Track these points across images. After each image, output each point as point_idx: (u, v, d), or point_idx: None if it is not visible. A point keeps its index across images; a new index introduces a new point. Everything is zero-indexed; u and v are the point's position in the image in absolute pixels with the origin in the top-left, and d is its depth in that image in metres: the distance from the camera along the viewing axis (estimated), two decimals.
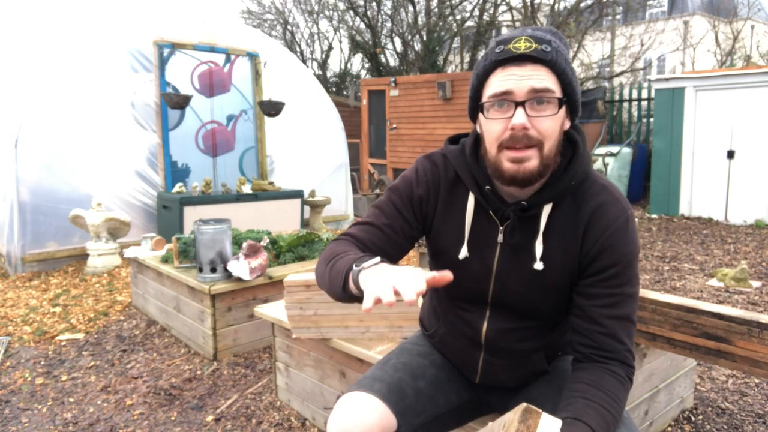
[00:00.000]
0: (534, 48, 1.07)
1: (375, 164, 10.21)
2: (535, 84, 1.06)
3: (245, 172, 6.34)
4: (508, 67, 1.08)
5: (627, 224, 1.15)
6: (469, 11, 15.67)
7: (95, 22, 5.62)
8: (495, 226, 1.22)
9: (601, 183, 1.19)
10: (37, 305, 3.98)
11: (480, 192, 1.21)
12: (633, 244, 1.16)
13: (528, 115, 1.07)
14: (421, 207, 1.27)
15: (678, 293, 4.12)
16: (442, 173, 1.27)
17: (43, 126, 4.92)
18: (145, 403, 2.52)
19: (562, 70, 1.09)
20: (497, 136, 1.10)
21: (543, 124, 1.08)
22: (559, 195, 1.16)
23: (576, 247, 1.17)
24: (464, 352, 1.35)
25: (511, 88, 1.07)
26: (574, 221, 1.17)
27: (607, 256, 1.14)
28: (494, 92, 1.09)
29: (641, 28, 15.75)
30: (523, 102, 1.07)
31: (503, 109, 1.09)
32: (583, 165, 1.17)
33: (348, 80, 19.17)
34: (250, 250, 2.97)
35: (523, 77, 1.07)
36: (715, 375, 2.67)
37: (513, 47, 1.08)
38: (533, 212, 1.18)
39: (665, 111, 7.62)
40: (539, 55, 1.07)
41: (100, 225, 4.73)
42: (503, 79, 1.08)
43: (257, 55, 6.23)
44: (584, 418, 1.03)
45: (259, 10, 20.36)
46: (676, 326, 1.82)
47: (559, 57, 1.09)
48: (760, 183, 6.93)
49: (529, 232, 1.19)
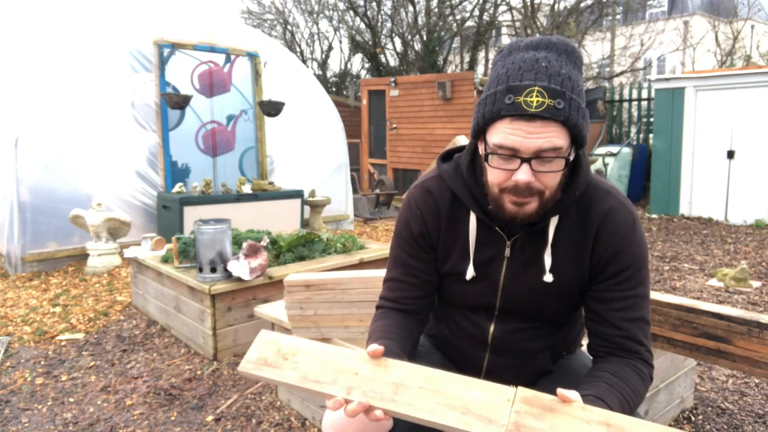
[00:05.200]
0: (546, 106, 1.00)
1: (375, 164, 10.21)
2: (544, 144, 1.02)
3: (245, 172, 6.35)
4: (517, 122, 1.02)
5: (635, 226, 1.17)
6: (469, 11, 15.69)
7: (95, 22, 5.62)
8: (501, 241, 1.22)
9: (603, 188, 1.19)
10: (37, 305, 3.98)
11: (483, 211, 1.20)
12: (642, 245, 1.17)
13: (533, 170, 1.04)
14: (425, 240, 1.28)
15: (678, 293, 4.12)
16: (438, 198, 1.26)
17: (43, 126, 4.92)
18: (145, 403, 2.52)
19: (574, 124, 1.04)
20: (499, 182, 1.09)
21: (547, 178, 1.07)
22: (565, 209, 1.17)
23: (586, 255, 1.18)
24: (468, 352, 1.35)
25: (518, 146, 1.03)
26: (583, 229, 1.18)
27: (620, 260, 1.15)
28: (500, 144, 1.05)
29: (641, 28, 15.77)
30: (529, 159, 1.04)
31: (508, 162, 1.06)
32: (585, 175, 1.17)
33: (348, 80, 19.18)
34: (250, 250, 2.97)
35: (531, 134, 1.02)
36: (715, 375, 2.67)
37: (524, 102, 1.00)
38: (541, 226, 1.18)
39: (665, 111, 7.62)
40: (551, 115, 1.00)
41: (100, 225, 4.73)
42: (510, 133, 1.03)
43: (257, 55, 6.23)
44: (605, 399, 1.03)
45: (259, 10, 20.38)
46: (676, 326, 1.82)
47: (572, 108, 1.03)
48: (760, 183, 6.94)
49: (538, 246, 1.20)
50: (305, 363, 1.02)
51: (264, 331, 1.10)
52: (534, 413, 0.87)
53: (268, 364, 1.04)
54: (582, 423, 0.86)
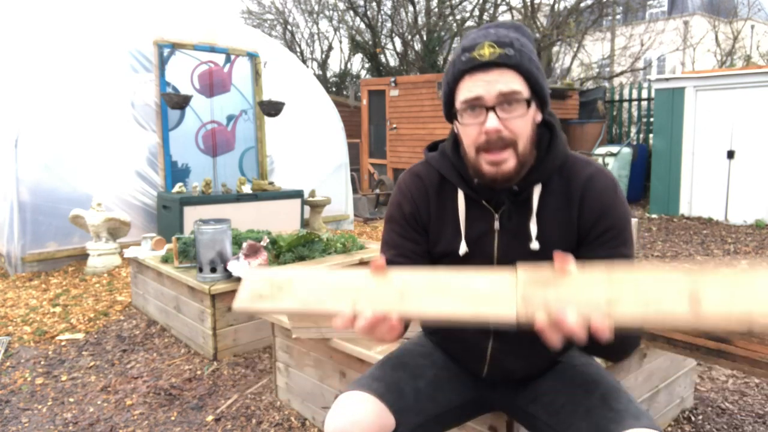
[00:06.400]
0: (498, 54, 1.11)
1: (375, 164, 10.21)
2: (503, 88, 1.11)
3: (245, 172, 6.34)
4: (476, 74, 1.13)
5: (617, 190, 1.23)
6: (469, 11, 15.68)
7: (95, 22, 5.62)
8: (490, 215, 1.26)
9: (583, 159, 1.27)
10: (37, 305, 3.98)
11: (469, 186, 1.26)
12: (626, 209, 1.23)
13: (499, 117, 1.12)
14: (416, 221, 1.32)
15: None
16: (427, 180, 1.32)
17: (43, 126, 4.92)
18: (145, 403, 2.52)
19: (527, 70, 1.13)
20: (473, 140, 1.16)
21: (515, 124, 1.13)
22: (546, 175, 1.22)
23: (573, 220, 1.22)
24: (471, 343, 1.34)
25: (481, 94, 1.12)
26: (567, 197, 1.23)
27: (605, 220, 1.20)
28: (465, 98, 1.14)
29: (641, 28, 15.77)
30: (494, 106, 1.12)
31: (476, 114, 1.14)
32: (563, 144, 1.24)
33: (348, 80, 19.17)
34: (250, 250, 2.97)
35: (490, 82, 1.12)
36: (715, 375, 2.67)
37: (477, 55, 1.12)
38: (525, 195, 1.23)
39: (665, 111, 7.62)
40: (503, 60, 1.11)
41: (100, 225, 4.73)
42: (472, 86, 1.13)
43: (257, 55, 6.23)
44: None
45: (259, 10, 20.37)
46: None
47: (523, 57, 1.12)
48: (760, 183, 6.93)
49: (523, 215, 1.24)
50: (303, 289, 1.00)
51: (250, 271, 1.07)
52: (538, 284, 0.91)
53: (263, 297, 1.00)
54: (585, 284, 0.90)
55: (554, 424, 1.22)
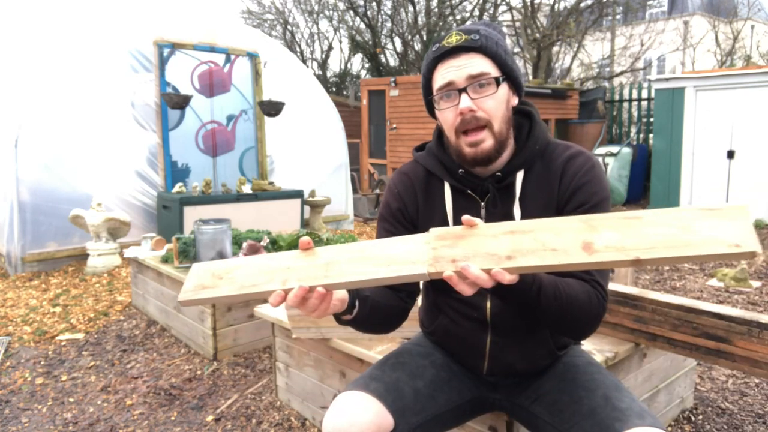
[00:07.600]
0: (464, 39, 1.20)
1: (375, 164, 10.21)
2: (471, 70, 1.19)
3: (245, 172, 6.35)
4: (446, 61, 1.22)
5: (594, 168, 1.26)
6: (469, 11, 15.68)
7: (95, 22, 5.62)
8: (476, 204, 1.30)
9: (564, 144, 1.31)
10: (37, 305, 3.98)
11: (454, 177, 1.30)
12: (601, 186, 1.24)
13: (472, 98, 1.19)
14: (404, 216, 1.37)
15: (678, 293, 4.12)
16: (413, 177, 1.38)
17: (43, 126, 4.92)
18: (145, 403, 2.52)
19: (493, 52, 1.21)
20: (452, 123, 1.23)
21: (487, 104, 1.20)
22: (528, 160, 1.27)
23: (553, 201, 1.26)
24: (470, 338, 1.34)
25: (452, 78, 1.20)
26: (548, 178, 1.27)
27: (580, 194, 1.23)
28: (439, 85, 1.23)
29: (641, 28, 15.77)
30: (465, 88, 1.19)
31: (450, 99, 1.22)
32: (543, 130, 1.29)
33: (348, 80, 19.17)
34: (250, 250, 2.97)
35: (459, 67, 1.20)
36: (715, 375, 2.66)
37: (446, 43, 1.22)
38: (508, 181, 1.27)
39: (665, 111, 7.61)
40: (469, 44, 1.19)
41: (100, 225, 4.73)
42: (444, 72, 1.22)
43: (257, 55, 6.23)
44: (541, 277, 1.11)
45: (259, 10, 20.35)
46: (676, 326, 1.82)
47: (489, 42, 1.21)
48: (760, 183, 6.93)
49: (508, 200, 1.28)
50: (240, 275, 1.07)
51: (197, 264, 1.15)
52: (448, 244, 0.98)
53: (205, 287, 1.08)
54: (489, 238, 0.96)
55: (557, 424, 1.21)
